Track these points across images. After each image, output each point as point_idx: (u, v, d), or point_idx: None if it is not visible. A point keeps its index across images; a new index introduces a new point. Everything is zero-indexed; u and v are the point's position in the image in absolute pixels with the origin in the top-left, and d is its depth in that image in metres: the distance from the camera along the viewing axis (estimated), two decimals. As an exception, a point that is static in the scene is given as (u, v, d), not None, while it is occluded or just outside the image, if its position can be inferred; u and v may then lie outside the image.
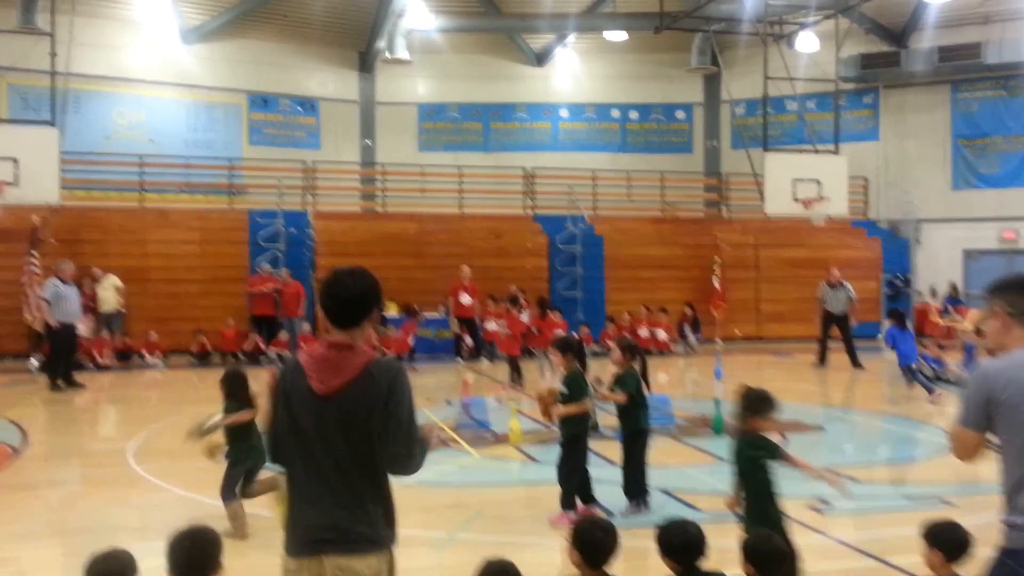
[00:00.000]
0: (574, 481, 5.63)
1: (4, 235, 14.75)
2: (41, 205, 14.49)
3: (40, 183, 13.70)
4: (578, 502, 5.69)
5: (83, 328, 13.22)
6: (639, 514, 5.65)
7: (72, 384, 11.71)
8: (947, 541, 3.32)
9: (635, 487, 5.81)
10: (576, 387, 5.73)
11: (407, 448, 2.60)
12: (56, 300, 11.69)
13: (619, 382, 5.80)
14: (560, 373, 5.84)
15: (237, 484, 5.38)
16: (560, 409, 5.71)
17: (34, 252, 13.94)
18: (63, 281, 11.87)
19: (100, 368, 13.73)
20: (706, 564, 3.07)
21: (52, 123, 14.20)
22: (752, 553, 3.10)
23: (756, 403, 4.07)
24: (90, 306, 14.13)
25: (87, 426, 9.87)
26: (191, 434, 5.52)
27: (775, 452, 4.05)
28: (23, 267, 13.87)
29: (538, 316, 13.87)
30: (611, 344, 6.20)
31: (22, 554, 5.16)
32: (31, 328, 13.65)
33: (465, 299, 15.12)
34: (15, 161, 13.41)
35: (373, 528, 2.56)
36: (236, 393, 5.46)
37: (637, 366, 5.97)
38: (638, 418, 5.85)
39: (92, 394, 11.67)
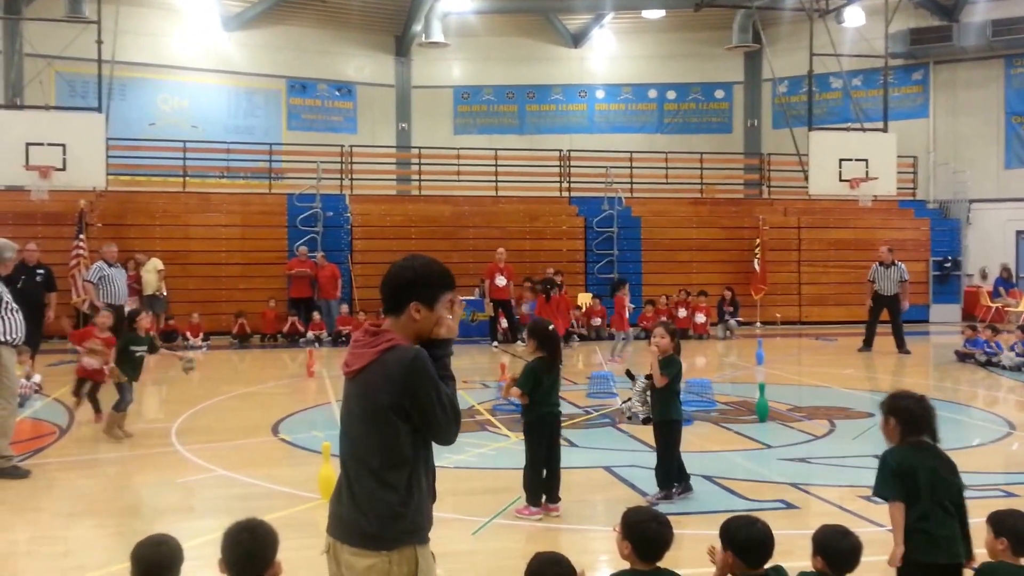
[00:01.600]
0: (534, 474, 5.39)
1: (52, 219, 15.11)
2: (87, 190, 14.81)
3: (87, 168, 14.00)
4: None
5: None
6: (668, 502, 5.53)
7: (118, 365, 11.95)
8: (1014, 531, 3.19)
9: (661, 476, 5.68)
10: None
11: (443, 427, 2.51)
12: (102, 282, 11.93)
13: (662, 367, 5.66)
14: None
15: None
16: (513, 390, 5.47)
17: (81, 236, 14.25)
18: (109, 264, 12.10)
19: (145, 350, 14.00)
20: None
21: (99, 110, 14.46)
22: (824, 548, 2.99)
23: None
24: (135, 288, 14.42)
25: (132, 406, 10.04)
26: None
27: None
28: (70, 250, 14.19)
29: (609, 295, 13.91)
30: (654, 328, 5.99)
31: (68, 533, 5.25)
32: (78, 310, 13.97)
33: (500, 281, 15.08)
34: (63, 147, 13.70)
35: (380, 525, 2.44)
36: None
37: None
38: (667, 406, 5.68)
39: (137, 375, 11.90)
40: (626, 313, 12.95)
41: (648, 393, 5.93)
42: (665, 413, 5.69)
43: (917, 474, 3.23)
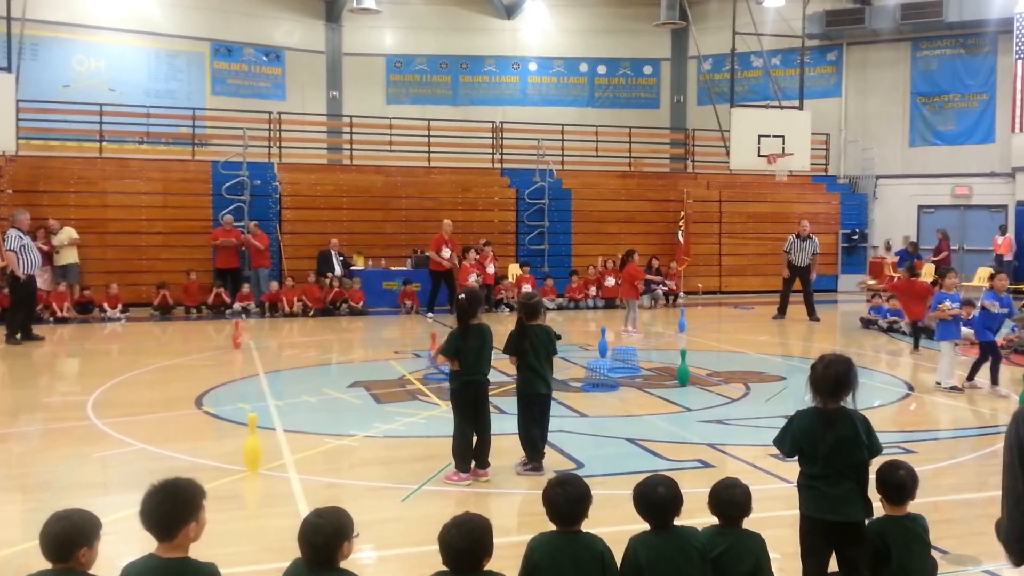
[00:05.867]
0: (463, 441, 5.54)
1: (-45, 185, 14.29)
2: (-6, 154, 14.05)
3: (-7, 131, 13.25)
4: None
5: (42, 280, 12.96)
6: (536, 473, 5.68)
7: (30, 337, 11.51)
8: (887, 483, 3.35)
9: (527, 446, 5.80)
10: (509, 347, 5.76)
11: None
12: (22, 251, 11.43)
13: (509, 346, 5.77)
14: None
15: None
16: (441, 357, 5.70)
17: (-13, 203, 13.55)
18: (22, 232, 11.59)
19: (59, 321, 13.50)
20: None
21: (8, 69, 13.73)
22: (714, 499, 3.21)
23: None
24: (47, 256, 13.84)
25: (46, 379, 9.73)
26: None
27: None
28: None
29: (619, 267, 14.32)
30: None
31: (-17, 507, 5.12)
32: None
33: (446, 253, 15.02)
34: (-34, 108, 12.93)
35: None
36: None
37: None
38: (526, 380, 5.76)
39: (51, 347, 11.48)
40: (637, 282, 12.94)
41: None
42: (526, 387, 5.79)
43: (816, 444, 3.37)
